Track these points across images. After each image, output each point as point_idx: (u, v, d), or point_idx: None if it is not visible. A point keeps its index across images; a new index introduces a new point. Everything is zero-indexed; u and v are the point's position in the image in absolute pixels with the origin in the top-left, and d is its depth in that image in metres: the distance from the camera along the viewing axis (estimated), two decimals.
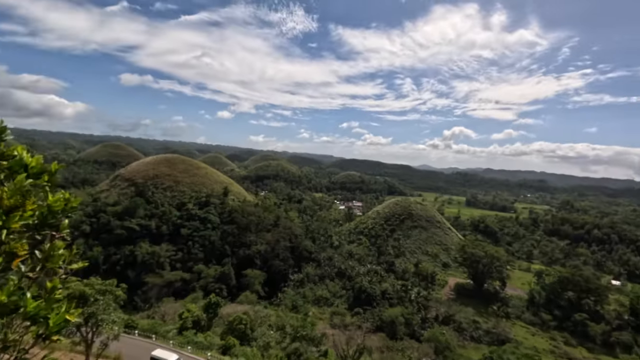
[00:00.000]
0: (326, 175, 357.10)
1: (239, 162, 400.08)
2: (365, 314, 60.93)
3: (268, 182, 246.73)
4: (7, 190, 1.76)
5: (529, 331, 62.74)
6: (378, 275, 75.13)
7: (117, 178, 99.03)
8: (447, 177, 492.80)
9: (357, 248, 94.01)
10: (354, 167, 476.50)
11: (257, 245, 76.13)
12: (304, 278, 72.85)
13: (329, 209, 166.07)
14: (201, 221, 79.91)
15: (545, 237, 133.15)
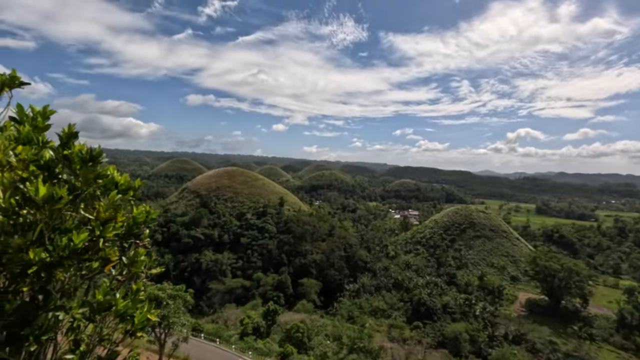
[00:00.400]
0: (380, 183, 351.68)
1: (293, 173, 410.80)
2: (425, 328, 58.16)
3: (322, 192, 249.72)
4: (103, 205, 2.09)
5: (619, 357, 54.98)
6: (438, 287, 71.54)
7: (185, 190, 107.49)
8: (513, 183, 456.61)
9: (414, 258, 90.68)
10: (408, 174, 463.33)
11: (312, 254, 77.08)
12: (360, 288, 71.89)
13: (383, 218, 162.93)
14: (259, 230, 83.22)
15: (636, 249, 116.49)
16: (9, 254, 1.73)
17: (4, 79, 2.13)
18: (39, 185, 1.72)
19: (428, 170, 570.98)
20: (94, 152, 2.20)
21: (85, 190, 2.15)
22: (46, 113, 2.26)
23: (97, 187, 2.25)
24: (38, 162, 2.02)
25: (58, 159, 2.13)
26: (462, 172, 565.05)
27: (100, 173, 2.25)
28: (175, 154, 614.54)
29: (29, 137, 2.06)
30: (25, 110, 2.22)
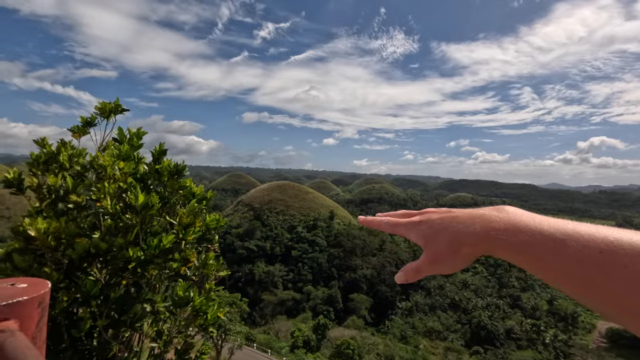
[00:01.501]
0: (433, 197, 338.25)
1: (343, 187, 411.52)
2: (486, 354, 53.87)
3: (372, 206, 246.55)
4: (184, 212, 2.42)
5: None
6: (500, 310, 66.18)
7: (239, 203, 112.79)
8: (586, 197, 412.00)
9: (472, 277, 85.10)
10: (463, 188, 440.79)
11: (362, 269, 75.94)
12: (413, 307, 68.98)
13: None
14: (309, 244, 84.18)
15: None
16: (113, 252, 2.08)
17: (111, 107, 2.60)
18: (138, 194, 2.06)
19: (486, 183, 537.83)
20: (179, 166, 2.57)
21: (171, 199, 2.51)
22: (140, 134, 2.69)
23: (180, 196, 2.60)
24: (135, 175, 2.42)
25: (151, 172, 2.53)
26: (526, 185, 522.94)
27: (182, 184, 2.61)
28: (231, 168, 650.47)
29: (128, 154, 2.48)
30: (123, 131, 2.68)
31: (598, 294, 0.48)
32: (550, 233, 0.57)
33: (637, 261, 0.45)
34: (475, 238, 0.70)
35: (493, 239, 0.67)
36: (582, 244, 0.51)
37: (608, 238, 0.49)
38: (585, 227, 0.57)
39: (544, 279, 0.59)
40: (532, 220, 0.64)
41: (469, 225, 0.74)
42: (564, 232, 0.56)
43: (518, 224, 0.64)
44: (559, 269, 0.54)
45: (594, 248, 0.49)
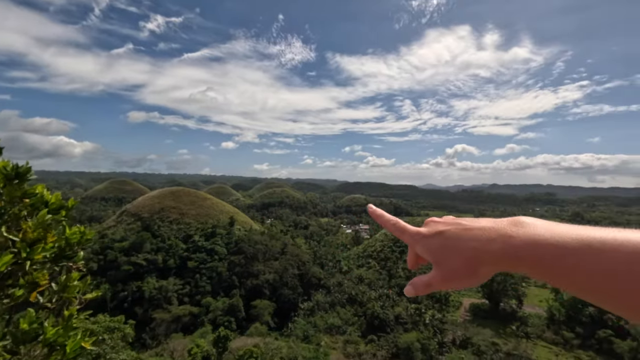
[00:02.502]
0: (331, 199, 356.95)
1: (243, 191, 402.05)
2: (379, 341, 58.94)
3: (273, 210, 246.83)
4: (31, 225, 1.94)
5: (551, 351, 60.11)
6: (390, 299, 73.32)
7: (124, 213, 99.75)
8: (453, 195, 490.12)
9: (366, 272, 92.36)
10: (358, 190, 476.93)
11: (265, 274, 75.19)
12: (314, 306, 71.25)
13: (335, 234, 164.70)
14: (208, 253, 79.53)
15: None
16: None
17: None
18: None
19: (377, 185, 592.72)
20: (21, 168, 2.04)
21: (10, 210, 1.98)
22: None
23: (24, 206, 2.08)
24: None
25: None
26: (408, 186, 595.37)
27: (28, 191, 2.09)
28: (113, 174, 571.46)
29: None
30: None
31: (619, 300, 0.58)
32: (568, 246, 0.61)
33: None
34: (495, 257, 0.69)
35: (513, 258, 0.67)
36: (602, 255, 0.57)
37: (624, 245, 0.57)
38: (604, 234, 0.61)
39: (567, 290, 0.66)
40: (551, 234, 0.64)
41: (485, 243, 0.72)
42: (583, 242, 0.60)
43: (537, 239, 0.64)
44: (579, 283, 0.61)
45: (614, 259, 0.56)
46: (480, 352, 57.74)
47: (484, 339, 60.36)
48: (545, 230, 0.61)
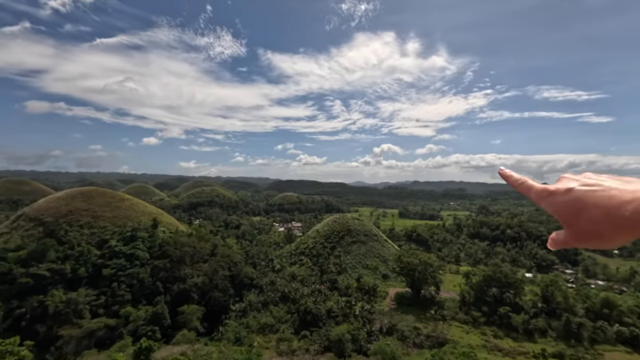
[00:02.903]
0: (263, 198, 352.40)
1: (169, 191, 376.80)
2: (312, 336, 60.06)
3: (202, 210, 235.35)
4: None
5: (463, 330, 67.41)
6: (322, 294, 75.09)
7: (20, 218, 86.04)
8: (381, 192, 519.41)
9: (299, 269, 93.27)
10: (291, 188, 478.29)
11: (193, 278, 71.31)
12: (247, 307, 69.79)
13: (268, 232, 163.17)
14: (127, 258, 72.67)
15: (469, 240, 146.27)
16: None
17: None
18: None
19: (309, 183, 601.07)
20: None
21: None
22: None
23: None
24: None
25: None
26: (339, 183, 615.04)
27: None
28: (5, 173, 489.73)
29: None
30: None
31: None
32: None
33: None
34: (629, 222, 0.67)
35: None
36: None
37: None
38: None
39: None
40: None
41: (618, 206, 0.70)
42: None
43: None
44: None
45: None
46: (404, 337, 62.40)
47: (407, 325, 65.33)
48: None
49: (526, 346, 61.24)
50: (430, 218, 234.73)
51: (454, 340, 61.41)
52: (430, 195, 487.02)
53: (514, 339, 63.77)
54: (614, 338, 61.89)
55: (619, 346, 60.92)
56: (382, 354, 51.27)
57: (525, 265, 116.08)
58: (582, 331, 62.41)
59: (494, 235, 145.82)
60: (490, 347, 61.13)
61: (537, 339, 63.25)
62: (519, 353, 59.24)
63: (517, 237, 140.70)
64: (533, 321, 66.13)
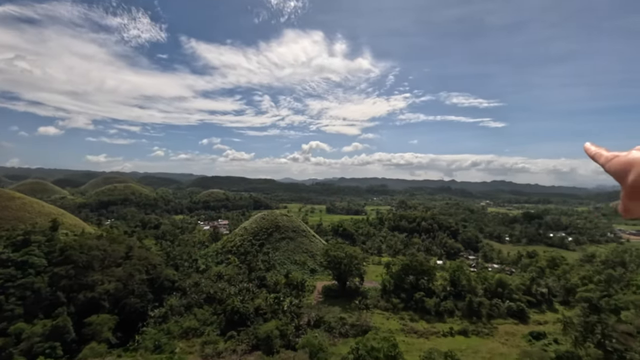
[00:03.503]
0: (187, 195, 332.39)
1: (72, 188, 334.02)
2: (239, 336, 58.73)
3: (115, 209, 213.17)
4: None
5: (384, 316, 72.35)
6: (250, 292, 73.79)
7: None
8: (309, 188, 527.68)
9: (226, 268, 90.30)
10: (217, 184, 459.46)
11: (104, 284, 64.18)
12: (167, 311, 65.26)
13: (192, 231, 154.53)
14: (18, 266, 62.35)
15: (390, 233, 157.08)
16: None
17: None
18: None
19: (236, 179, 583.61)
20: None
21: None
22: None
23: None
24: None
25: None
26: (268, 180, 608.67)
27: None
28: None
29: None
30: None
31: None
32: None
33: None
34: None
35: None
36: None
37: None
38: None
39: None
40: None
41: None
42: None
43: None
44: None
45: None
46: (330, 328, 64.66)
47: (333, 316, 67.81)
48: None
49: (437, 326, 68.22)
50: (355, 213, 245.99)
51: (376, 326, 65.56)
52: (355, 191, 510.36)
53: (427, 320, 70.53)
54: (505, 312, 72.38)
55: (509, 319, 71.48)
56: (310, 347, 52.44)
57: (437, 254, 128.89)
58: (481, 309, 71.79)
59: (411, 228, 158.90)
60: (407, 330, 66.74)
61: (446, 319, 70.87)
62: (432, 333, 65.79)
63: (430, 228, 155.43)
64: (443, 303, 73.85)
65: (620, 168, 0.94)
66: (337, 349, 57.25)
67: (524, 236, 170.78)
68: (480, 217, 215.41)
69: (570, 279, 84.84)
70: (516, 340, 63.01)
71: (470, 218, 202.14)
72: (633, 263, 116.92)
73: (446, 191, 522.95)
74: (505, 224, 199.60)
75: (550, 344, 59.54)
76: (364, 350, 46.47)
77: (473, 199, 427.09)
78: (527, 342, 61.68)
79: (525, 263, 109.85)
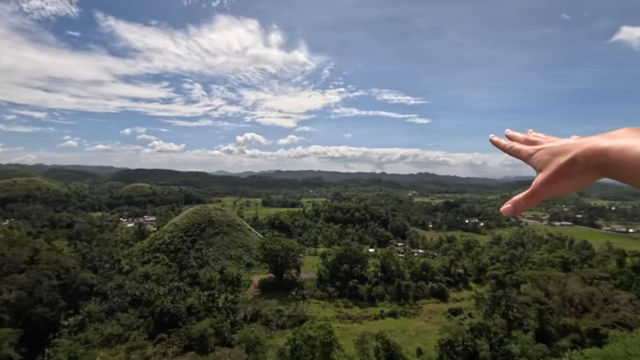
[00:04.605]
0: (106, 190, 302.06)
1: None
2: (170, 337, 55.60)
3: (15, 207, 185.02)
4: None
5: (320, 305, 74.36)
6: (182, 291, 70.08)
7: None
8: (244, 181, 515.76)
9: (153, 268, 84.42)
10: (142, 177, 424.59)
11: (2, 294, 55.54)
12: (85, 319, 59.00)
13: (113, 230, 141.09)
14: None
15: (325, 224, 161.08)
16: None
17: None
18: None
19: (165, 172, 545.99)
20: None
21: None
22: None
23: None
24: None
25: None
26: (200, 173, 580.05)
27: None
28: None
29: None
30: None
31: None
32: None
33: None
34: (585, 152, 1.00)
35: (599, 153, 0.97)
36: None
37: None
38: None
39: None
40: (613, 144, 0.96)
41: (578, 145, 1.06)
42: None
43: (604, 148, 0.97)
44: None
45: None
46: (267, 321, 64.52)
47: (270, 309, 67.73)
48: (609, 142, 0.94)
49: (370, 311, 72.19)
50: (292, 205, 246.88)
51: (312, 316, 67.09)
52: (292, 183, 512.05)
53: (360, 306, 74.21)
54: (429, 293, 79.30)
55: (432, 299, 78.51)
56: (247, 341, 51.80)
57: (369, 242, 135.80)
58: (409, 291, 77.71)
59: (346, 218, 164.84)
60: (342, 316, 69.56)
61: (377, 303, 75.29)
62: (364, 317, 69.48)
63: (363, 218, 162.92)
64: (375, 289, 78.27)
65: (544, 156, 1.16)
66: (275, 341, 57.42)
67: (444, 223, 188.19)
68: (408, 207, 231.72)
69: (482, 259, 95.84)
70: (438, 318, 69.59)
71: (399, 208, 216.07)
72: (530, 243, 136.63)
73: (378, 183, 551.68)
74: (429, 212, 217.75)
75: (465, 318, 66.95)
76: (300, 339, 47.27)
77: (401, 190, 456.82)
78: (447, 318, 68.53)
79: (445, 247, 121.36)
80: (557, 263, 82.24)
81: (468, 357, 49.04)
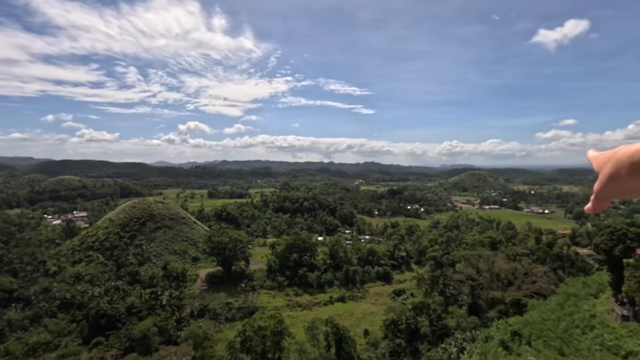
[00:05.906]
0: (25, 184, 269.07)
1: None
2: (108, 341, 51.94)
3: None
4: None
5: (270, 295, 74.36)
6: (120, 291, 65.52)
7: None
8: (187, 172, 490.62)
9: (86, 267, 77.74)
10: (68, 169, 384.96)
11: None
12: (4, 328, 52.71)
13: (35, 228, 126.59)
14: None
15: (274, 214, 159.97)
16: None
17: None
18: None
19: (96, 163, 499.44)
20: None
21: None
22: None
23: None
24: None
25: None
26: (137, 163, 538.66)
27: None
28: None
29: None
30: None
31: None
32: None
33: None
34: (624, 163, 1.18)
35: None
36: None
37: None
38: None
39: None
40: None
41: (625, 147, 1.22)
42: None
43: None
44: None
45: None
46: (216, 315, 63.01)
47: (219, 302, 66.17)
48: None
49: (319, 297, 73.84)
50: (239, 196, 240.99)
51: (262, 306, 66.92)
52: (239, 174, 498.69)
53: (310, 293, 75.54)
54: (375, 276, 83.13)
55: (377, 282, 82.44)
56: (194, 337, 50.22)
57: (318, 231, 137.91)
58: (356, 276, 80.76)
59: (295, 208, 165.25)
60: (292, 305, 70.32)
61: (327, 290, 77.21)
62: (314, 304, 70.92)
63: (312, 207, 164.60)
64: (324, 276, 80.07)
65: (603, 160, 1.30)
66: (224, 334, 56.44)
67: (389, 209, 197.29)
68: (355, 195, 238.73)
69: (422, 242, 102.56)
70: (383, 299, 73.40)
71: (346, 196, 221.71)
72: (464, 226, 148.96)
73: (325, 172, 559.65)
74: (374, 200, 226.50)
75: (408, 297, 71.49)
76: (250, 331, 47.02)
77: (349, 179, 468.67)
78: (391, 299, 72.59)
79: (389, 232, 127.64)
80: (487, 243, 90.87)
81: (410, 334, 52.68)
